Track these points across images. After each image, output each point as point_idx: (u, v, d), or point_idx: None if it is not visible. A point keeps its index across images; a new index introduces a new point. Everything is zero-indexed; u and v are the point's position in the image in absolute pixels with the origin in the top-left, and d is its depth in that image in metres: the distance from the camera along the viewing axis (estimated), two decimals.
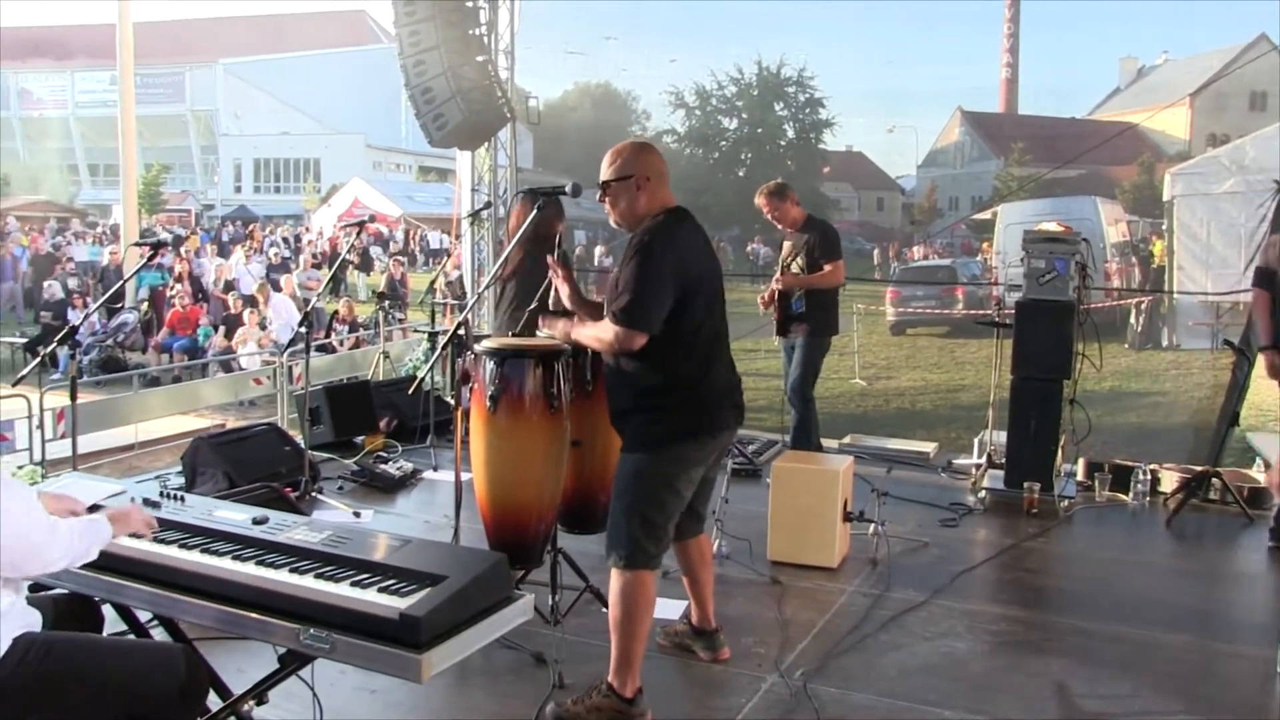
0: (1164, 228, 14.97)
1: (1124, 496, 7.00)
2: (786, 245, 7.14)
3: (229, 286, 18.24)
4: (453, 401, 4.80)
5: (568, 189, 4.19)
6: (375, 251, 28.41)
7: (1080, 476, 7.17)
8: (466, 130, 9.35)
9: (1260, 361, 6.31)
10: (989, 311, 8.07)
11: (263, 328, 14.98)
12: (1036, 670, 4.48)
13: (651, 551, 3.69)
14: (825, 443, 7.21)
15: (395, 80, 9.32)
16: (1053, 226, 7.08)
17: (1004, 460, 6.91)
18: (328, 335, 14.51)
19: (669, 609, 4.60)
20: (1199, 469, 6.98)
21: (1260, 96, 44.86)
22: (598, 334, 3.72)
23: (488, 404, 4.18)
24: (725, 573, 5.21)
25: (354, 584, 2.49)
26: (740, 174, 45.59)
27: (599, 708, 3.70)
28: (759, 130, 46.81)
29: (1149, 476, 6.99)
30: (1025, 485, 6.55)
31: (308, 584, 2.51)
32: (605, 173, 3.80)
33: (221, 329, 15.58)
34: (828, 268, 6.90)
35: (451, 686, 4.02)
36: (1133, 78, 56.16)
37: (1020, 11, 56.05)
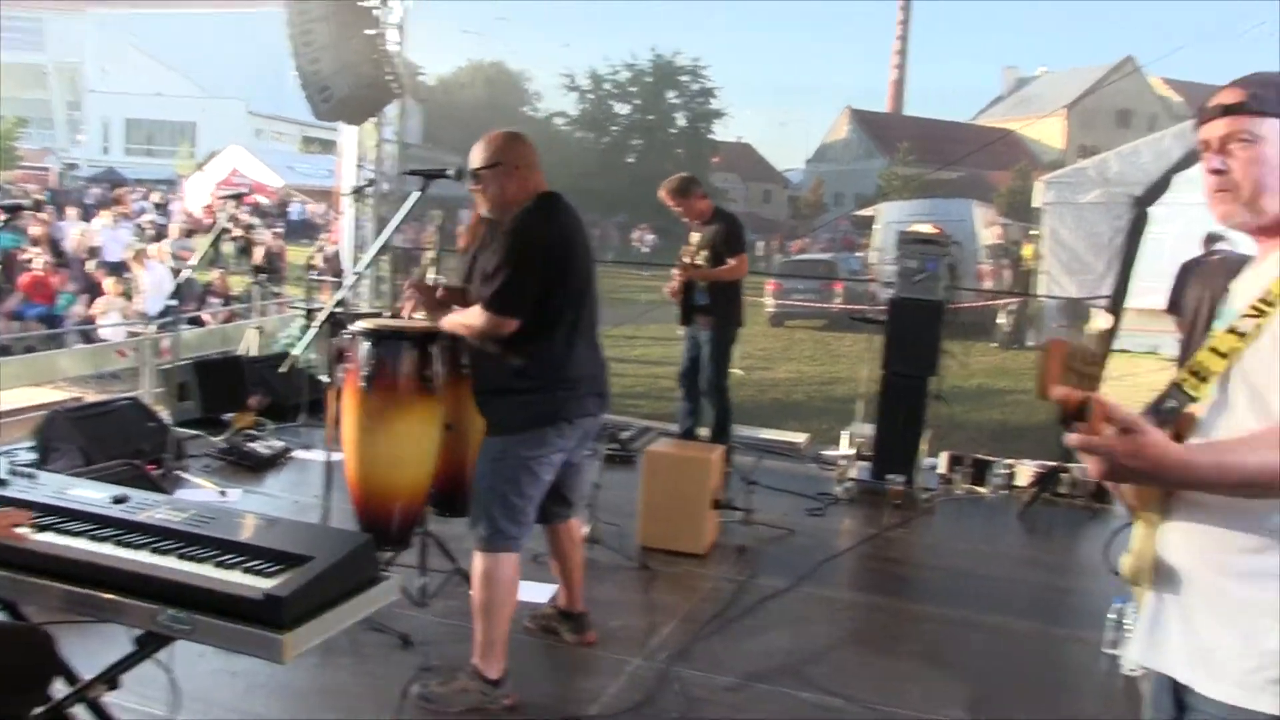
0: (1034, 233, 15.47)
1: (982, 489, 7.26)
2: (695, 237, 7.16)
3: (92, 252, 17.57)
4: (327, 380, 4.75)
5: (450, 173, 4.18)
6: (254, 222, 27.66)
7: (942, 470, 7.43)
8: (353, 104, 9.20)
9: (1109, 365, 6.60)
10: (864, 307, 8.28)
11: (128, 297, 14.47)
12: (892, 654, 4.67)
13: (512, 534, 3.73)
14: (698, 431, 7.31)
15: (281, 45, 9.06)
16: (926, 228, 7.32)
17: (871, 452, 7.12)
18: (199, 308, 14.13)
19: (538, 592, 4.64)
20: (1052, 464, 7.27)
21: (1126, 114, 46.85)
22: (467, 321, 3.74)
23: (362, 384, 4.16)
24: (595, 557, 5.26)
25: (218, 564, 2.46)
26: (630, 160, 45.75)
27: (464, 689, 3.73)
28: (650, 117, 46.99)
29: (1006, 471, 7.27)
30: (889, 477, 6.76)
31: (169, 564, 2.46)
32: (476, 160, 3.81)
33: (85, 297, 15.02)
34: (731, 262, 6.94)
35: (317, 668, 3.99)
36: (1014, 86, 57.99)
37: (911, 16, 57.37)
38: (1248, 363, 1.84)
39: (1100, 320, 7.30)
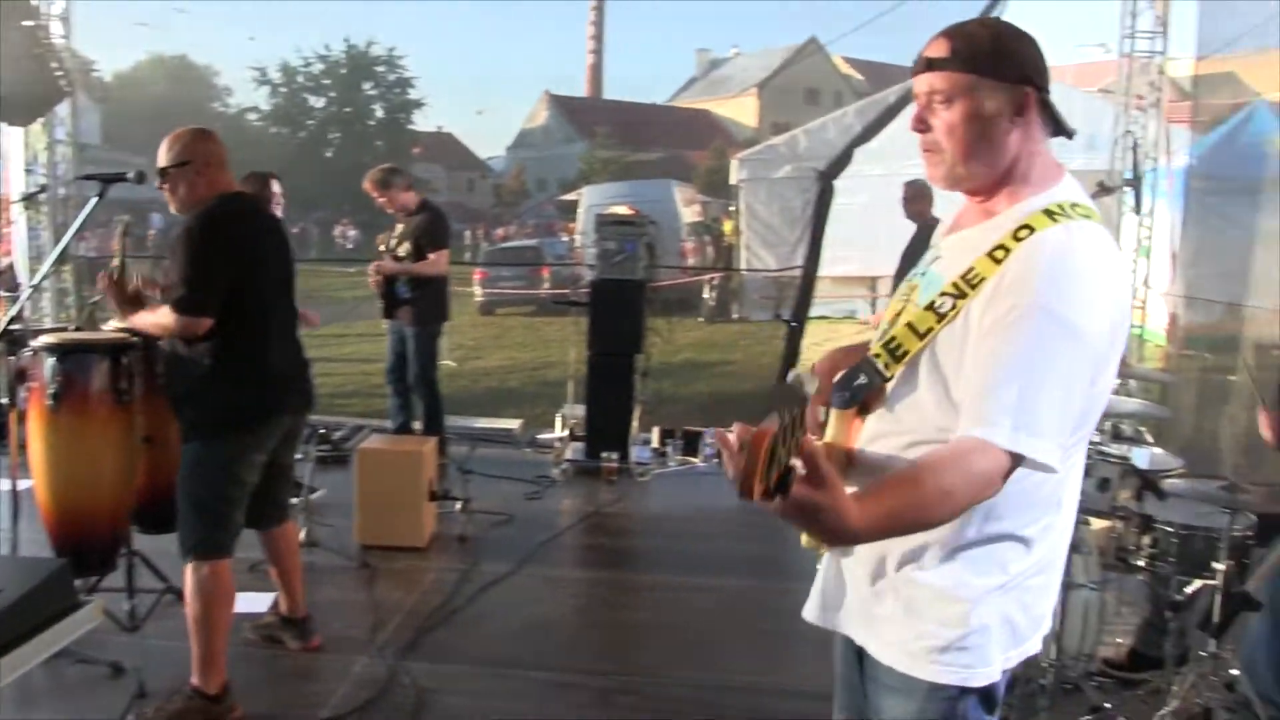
0: (732, 209, 16.19)
1: (694, 459, 7.59)
2: (399, 228, 7.09)
3: None
4: (6, 402, 4.46)
5: (130, 175, 4.02)
6: None
7: (655, 443, 7.72)
8: (15, 103, 8.56)
9: (809, 330, 7.01)
10: (567, 290, 8.48)
11: None
12: (619, 624, 4.88)
13: (220, 540, 3.66)
14: (413, 425, 7.27)
15: None
16: (623, 209, 7.56)
17: (584, 432, 7.31)
18: None
19: (257, 602, 4.53)
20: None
21: (814, 92, 49.51)
22: (159, 320, 3.65)
23: (49, 403, 3.96)
24: (314, 560, 5.19)
25: None
26: (328, 154, 44.76)
27: (183, 711, 3.62)
28: (347, 109, 46.08)
29: (714, 441, 7.62)
30: (604, 455, 6.97)
31: None
32: (163, 159, 3.72)
33: None
34: (431, 257, 6.91)
35: (12, 712, 3.75)
36: (707, 69, 60.11)
37: (605, 1, 58.40)
38: (940, 344, 1.78)
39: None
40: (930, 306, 1.78)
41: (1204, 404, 8.28)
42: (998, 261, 1.73)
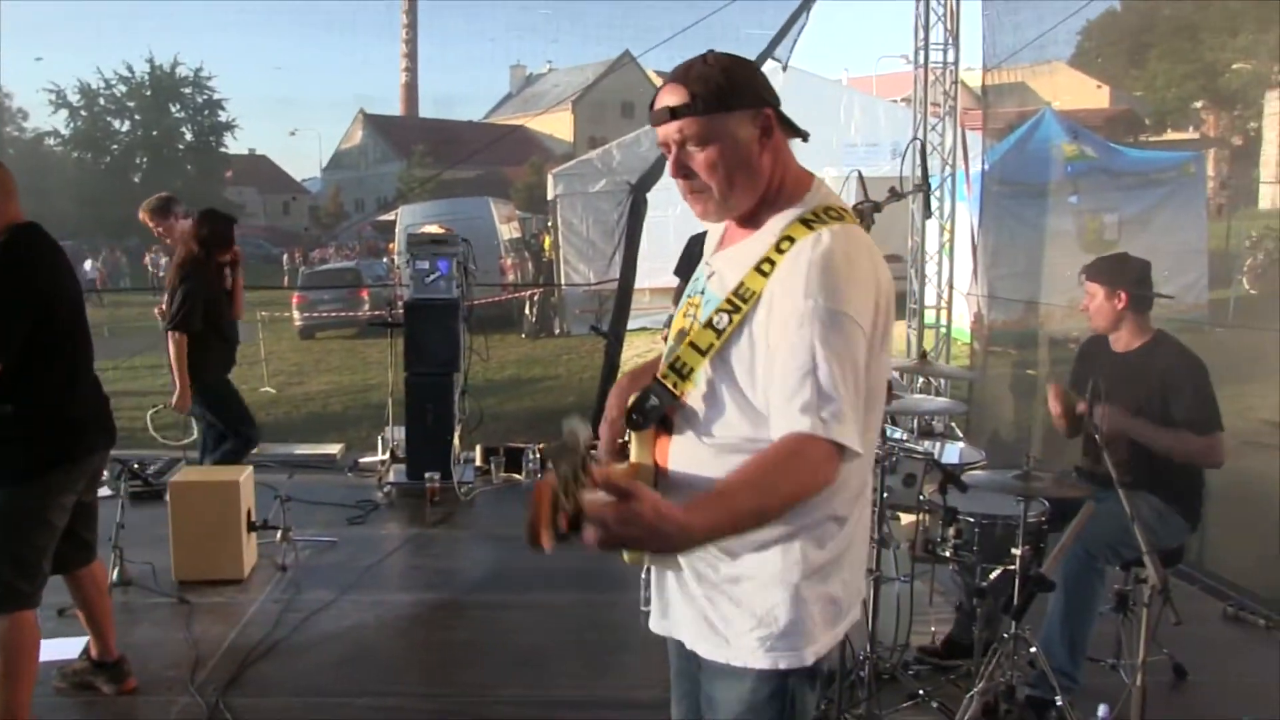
0: (551, 224, 16.29)
1: (518, 476, 7.63)
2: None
3: None
4: None
5: None
6: None
7: (478, 462, 7.72)
8: None
9: (629, 343, 7.11)
10: (382, 312, 8.41)
11: None
12: (444, 645, 4.88)
13: (24, 591, 3.53)
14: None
15: None
16: (434, 228, 7.55)
17: (405, 454, 7.27)
18: None
19: (66, 648, 4.38)
20: None
21: (629, 105, 50.00)
22: None
23: None
24: (128, 600, 5.07)
25: None
26: (136, 180, 42.83)
27: None
28: (154, 133, 44.23)
29: (537, 455, 7.67)
30: (426, 476, 6.93)
31: None
32: None
33: None
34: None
35: None
36: (522, 84, 60.04)
37: (417, 19, 57.74)
38: (730, 359, 1.90)
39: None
40: (709, 324, 1.90)
41: (1011, 397, 8.75)
42: (765, 274, 1.88)
